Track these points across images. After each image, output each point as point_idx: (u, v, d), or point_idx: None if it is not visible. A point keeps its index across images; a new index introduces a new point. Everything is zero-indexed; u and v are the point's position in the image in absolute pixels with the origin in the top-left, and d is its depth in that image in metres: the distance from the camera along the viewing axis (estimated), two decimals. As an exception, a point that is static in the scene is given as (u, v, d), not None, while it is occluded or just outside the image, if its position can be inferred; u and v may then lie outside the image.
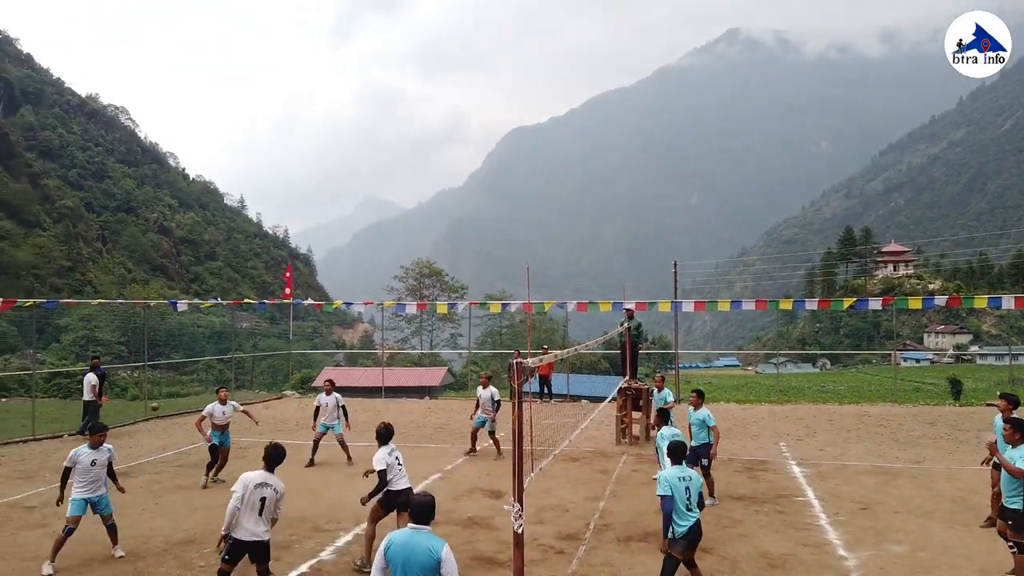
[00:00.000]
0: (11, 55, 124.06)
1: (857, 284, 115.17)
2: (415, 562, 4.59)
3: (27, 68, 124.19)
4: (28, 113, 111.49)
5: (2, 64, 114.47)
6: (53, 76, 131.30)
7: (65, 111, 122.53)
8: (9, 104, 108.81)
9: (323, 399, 14.19)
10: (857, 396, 33.97)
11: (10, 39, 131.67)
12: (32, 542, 9.09)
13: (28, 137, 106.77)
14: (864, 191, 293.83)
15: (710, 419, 10.72)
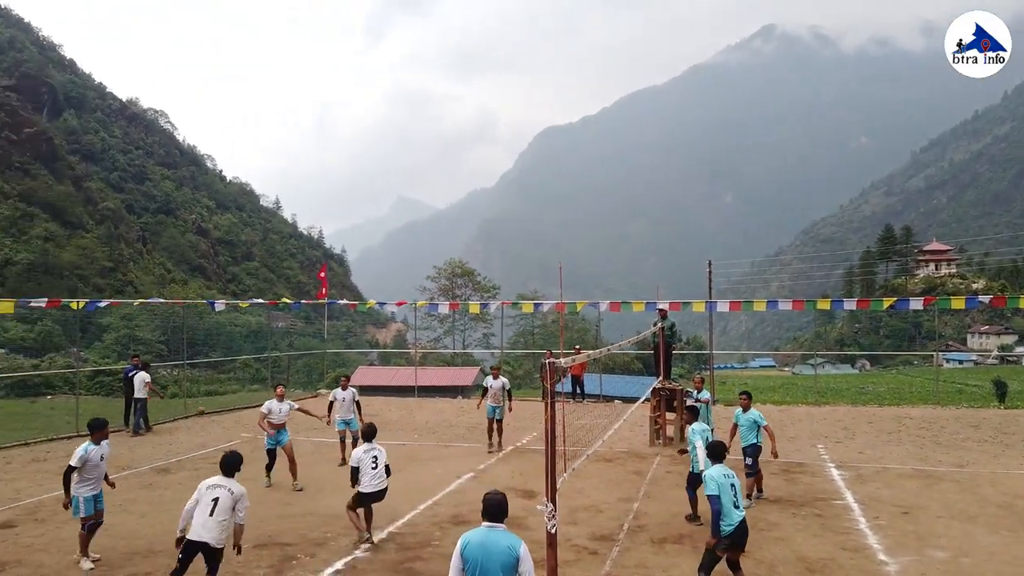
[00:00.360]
0: (55, 61, 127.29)
1: (898, 283, 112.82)
2: (494, 560, 4.63)
3: (70, 74, 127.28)
4: (71, 117, 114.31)
5: (46, 70, 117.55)
6: (95, 81, 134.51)
7: (107, 115, 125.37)
8: (53, 109, 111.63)
9: (339, 394, 14.27)
10: (898, 398, 33.30)
11: (54, 45, 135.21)
12: (76, 536, 9.29)
13: (71, 141, 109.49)
14: (905, 188, 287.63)
15: (761, 419, 10.86)
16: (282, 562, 8.35)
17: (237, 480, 7.17)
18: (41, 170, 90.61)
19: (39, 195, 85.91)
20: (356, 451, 9.11)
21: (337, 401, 14.19)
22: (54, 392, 35.09)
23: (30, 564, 8.21)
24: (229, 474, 7.18)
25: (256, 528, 9.62)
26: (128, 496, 11.42)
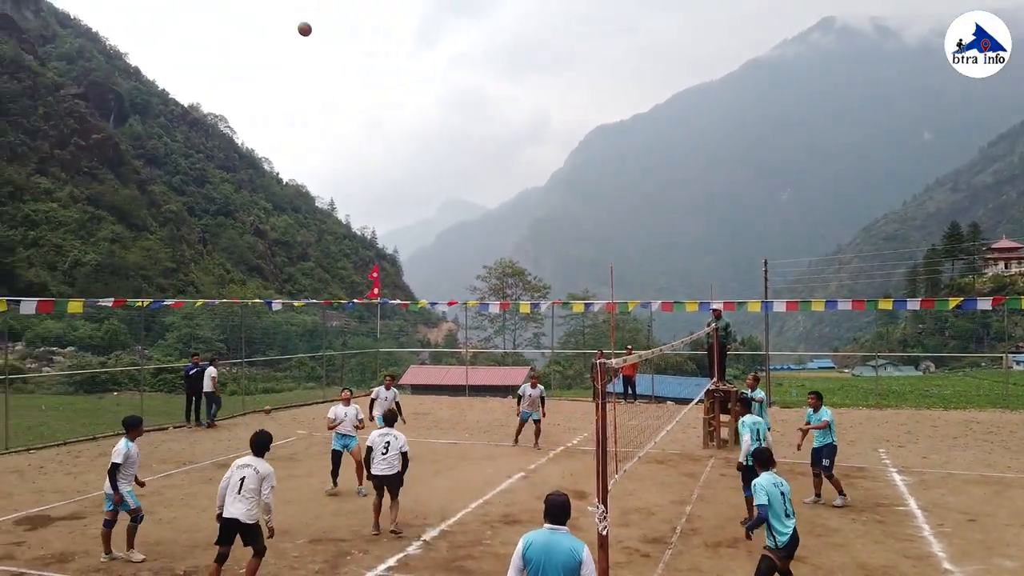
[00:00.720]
0: (121, 69, 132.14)
1: (964, 282, 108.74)
2: (556, 562, 4.61)
3: (135, 81, 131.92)
4: (136, 123, 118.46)
5: (113, 78, 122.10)
6: (158, 87, 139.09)
7: (169, 120, 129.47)
8: (119, 115, 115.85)
9: (381, 392, 14.18)
10: (964, 401, 32.09)
11: (120, 53, 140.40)
12: (141, 529, 9.57)
13: (136, 146, 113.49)
14: (972, 184, 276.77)
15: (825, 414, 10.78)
16: (336, 558, 8.49)
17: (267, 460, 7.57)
18: (108, 174, 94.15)
19: (106, 199, 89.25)
20: (373, 433, 9.54)
21: (379, 400, 14.08)
22: (120, 389, 36.39)
23: (97, 555, 8.50)
24: (258, 453, 7.48)
25: (311, 524, 9.82)
26: (189, 491, 11.77)
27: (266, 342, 56.79)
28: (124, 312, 53.00)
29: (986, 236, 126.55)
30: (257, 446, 7.53)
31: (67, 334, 58.04)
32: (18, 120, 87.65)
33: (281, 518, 10.12)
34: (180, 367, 24.21)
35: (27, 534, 9.41)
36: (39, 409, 24.70)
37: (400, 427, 13.82)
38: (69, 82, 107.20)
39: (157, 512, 10.41)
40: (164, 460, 14.45)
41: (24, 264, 71.04)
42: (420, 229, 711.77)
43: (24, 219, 77.27)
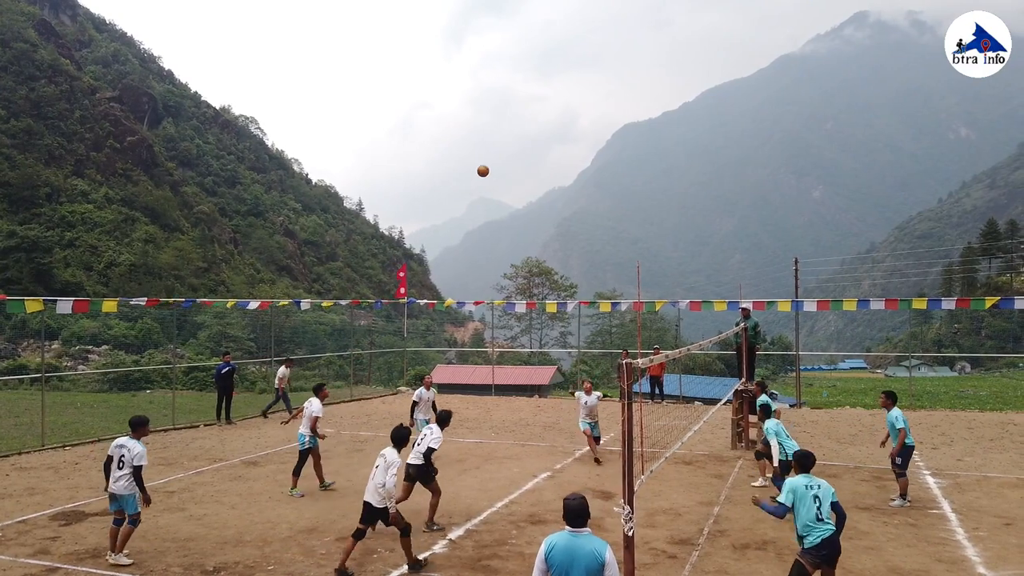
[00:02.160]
0: (155, 72, 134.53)
1: (1002, 281, 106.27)
2: (580, 564, 4.61)
3: (168, 84, 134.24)
4: (169, 125, 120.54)
5: (147, 81, 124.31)
6: (191, 90, 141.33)
7: (201, 122, 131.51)
8: (153, 117, 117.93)
9: (423, 393, 14.10)
10: (1001, 403, 31.40)
11: (154, 57, 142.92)
12: (172, 525, 9.77)
13: (169, 148, 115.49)
14: (1010, 181, 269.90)
15: (898, 421, 10.69)
16: (363, 555, 8.54)
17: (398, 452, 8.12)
18: (142, 176, 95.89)
19: (140, 199, 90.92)
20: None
21: (422, 401, 13.91)
22: (152, 387, 37.03)
23: (129, 550, 8.65)
24: (397, 446, 8.18)
25: (338, 522, 9.89)
26: (220, 488, 11.93)
27: (295, 341, 57.39)
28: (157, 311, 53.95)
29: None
30: (396, 440, 8.26)
31: (102, 333, 59.23)
32: (55, 123, 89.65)
33: (311, 514, 10.23)
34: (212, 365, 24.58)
35: (62, 529, 9.61)
36: (75, 406, 25.23)
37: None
38: (105, 86, 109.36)
39: (188, 509, 10.57)
40: (195, 457, 14.66)
41: (61, 264, 72.67)
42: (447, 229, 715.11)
43: (61, 220, 79.02)
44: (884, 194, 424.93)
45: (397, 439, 8.28)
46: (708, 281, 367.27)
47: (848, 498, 10.89)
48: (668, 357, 11.10)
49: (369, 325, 74.32)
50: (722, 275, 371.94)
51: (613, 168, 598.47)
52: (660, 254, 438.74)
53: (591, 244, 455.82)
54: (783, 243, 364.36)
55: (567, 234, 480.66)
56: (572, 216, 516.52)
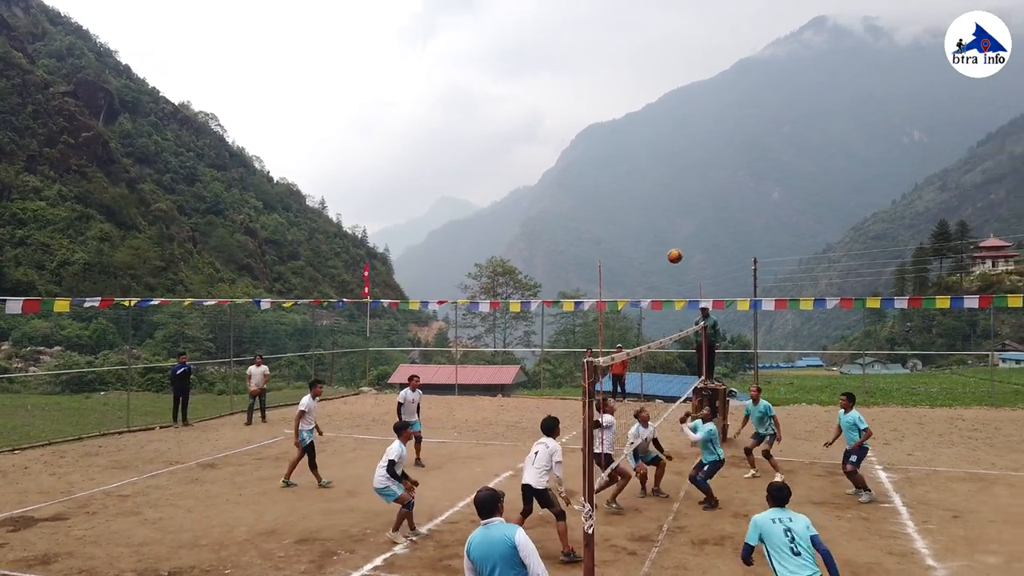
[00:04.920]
0: (111, 67, 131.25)
1: (952, 281, 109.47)
2: (495, 553, 4.70)
3: (125, 79, 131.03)
4: (126, 121, 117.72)
5: (103, 75, 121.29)
6: (149, 86, 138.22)
7: (159, 118, 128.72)
8: (109, 113, 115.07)
9: (408, 394, 13.47)
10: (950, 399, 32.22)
11: (110, 51, 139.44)
12: (126, 529, 9.56)
13: (126, 144, 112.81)
14: (960, 183, 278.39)
15: (861, 422, 10.89)
16: (322, 557, 8.46)
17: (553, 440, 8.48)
18: (97, 172, 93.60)
19: (95, 197, 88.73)
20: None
21: (407, 402, 13.36)
22: (107, 388, 36.16)
23: (81, 556, 8.46)
24: (549, 434, 8.54)
25: (298, 524, 9.79)
26: (176, 491, 11.71)
27: (255, 341, 56.51)
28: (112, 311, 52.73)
29: (974, 235, 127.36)
30: (546, 429, 8.58)
31: (54, 333, 57.70)
32: (7, 118, 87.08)
33: (270, 517, 10.11)
34: (168, 366, 24.08)
35: (10, 535, 9.34)
36: (25, 409, 24.52)
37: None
38: (59, 80, 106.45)
39: (142, 512, 10.36)
40: (150, 460, 14.37)
41: (11, 263, 70.59)
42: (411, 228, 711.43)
43: (12, 218, 76.77)
44: (840, 196, 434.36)
45: (548, 429, 8.58)
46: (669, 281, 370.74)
47: (803, 493, 11.13)
48: (629, 356, 11.22)
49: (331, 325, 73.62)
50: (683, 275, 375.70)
51: (577, 168, 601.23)
52: (623, 254, 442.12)
53: (555, 244, 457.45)
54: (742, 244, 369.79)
55: (531, 234, 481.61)
56: (536, 216, 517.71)
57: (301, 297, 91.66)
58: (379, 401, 24.62)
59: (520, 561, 4.67)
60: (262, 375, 19.33)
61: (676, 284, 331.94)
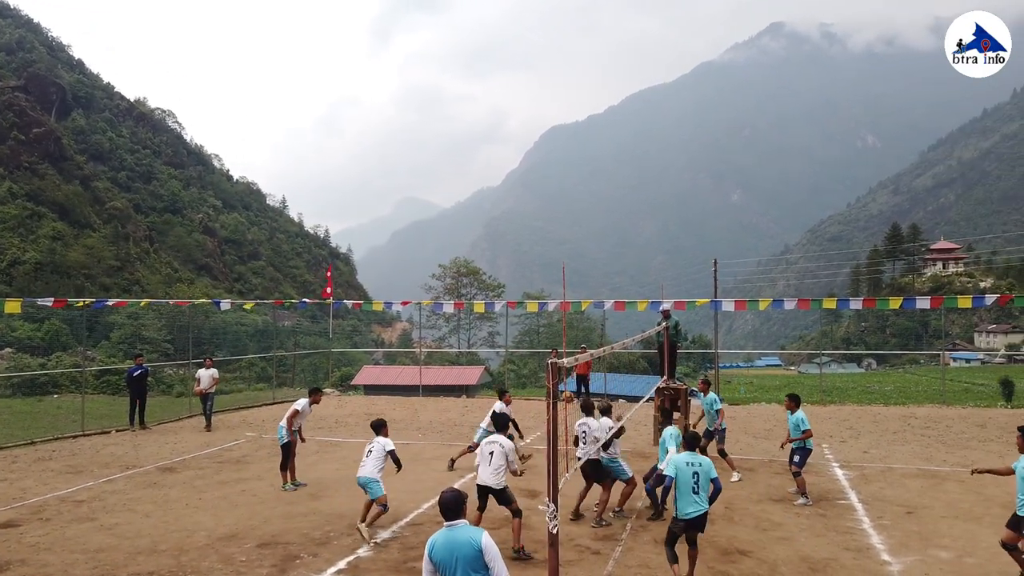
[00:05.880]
0: (63, 61, 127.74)
1: (905, 282, 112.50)
2: (459, 556, 4.66)
3: (78, 73, 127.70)
4: (79, 117, 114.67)
5: (55, 70, 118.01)
6: (103, 81, 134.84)
7: (114, 115, 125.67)
8: (61, 109, 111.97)
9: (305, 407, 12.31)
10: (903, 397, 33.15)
11: (63, 45, 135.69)
12: (81, 535, 9.34)
13: (79, 141, 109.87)
14: (912, 187, 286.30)
15: (803, 423, 11.04)
16: (285, 561, 8.37)
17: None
18: (49, 170, 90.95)
19: (47, 195, 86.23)
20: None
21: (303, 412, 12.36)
22: (60, 391, 35.23)
23: (34, 564, 8.24)
24: (502, 432, 9.00)
25: (259, 528, 9.66)
26: (133, 495, 11.47)
27: (215, 342, 55.56)
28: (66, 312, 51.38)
29: (925, 237, 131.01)
30: (499, 427, 9.21)
31: (5, 335, 55.88)
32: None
33: (230, 521, 9.96)
34: (125, 368, 23.56)
35: (-41, 543, 9.05)
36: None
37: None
38: (8, 74, 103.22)
39: (98, 518, 10.13)
40: (106, 464, 14.05)
41: (-42, 262, 68.26)
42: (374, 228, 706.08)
43: (-42, 215, 74.23)
44: (798, 199, 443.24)
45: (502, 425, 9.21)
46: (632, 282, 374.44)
47: (763, 491, 11.35)
48: (593, 356, 11.30)
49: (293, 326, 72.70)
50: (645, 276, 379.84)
51: (541, 169, 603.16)
52: (586, 255, 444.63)
53: (519, 244, 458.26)
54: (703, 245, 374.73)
55: (495, 234, 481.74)
56: (500, 216, 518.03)
57: (262, 297, 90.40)
58: (342, 403, 24.41)
59: (484, 564, 4.65)
60: (210, 378, 18.60)
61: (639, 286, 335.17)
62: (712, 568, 7.97)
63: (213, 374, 18.75)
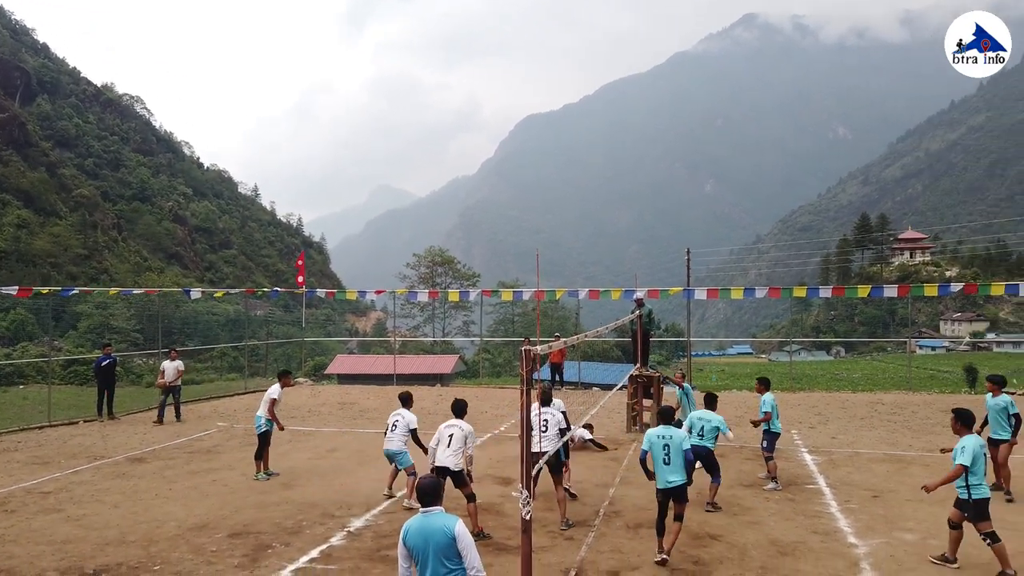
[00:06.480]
0: (28, 45, 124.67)
1: (873, 271, 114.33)
2: (433, 543, 4.66)
3: (43, 58, 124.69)
4: (44, 103, 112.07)
5: (19, 54, 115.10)
6: (69, 66, 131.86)
7: (81, 100, 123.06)
8: (26, 94, 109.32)
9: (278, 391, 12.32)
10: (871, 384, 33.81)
11: (27, 29, 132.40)
12: (48, 527, 9.20)
13: (45, 127, 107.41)
14: (881, 178, 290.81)
15: (765, 404, 11.24)
16: (257, 551, 8.31)
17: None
18: (14, 156, 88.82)
19: (11, 182, 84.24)
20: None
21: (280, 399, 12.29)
22: (26, 382, 34.60)
23: (6, 555, 8.10)
24: (460, 416, 9.08)
25: (230, 517, 9.58)
26: (101, 486, 11.31)
27: (186, 332, 54.86)
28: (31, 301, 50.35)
29: (893, 227, 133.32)
30: (458, 412, 9.16)
31: (-32, 325, 54.74)
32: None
33: (201, 511, 9.86)
34: (93, 358, 23.17)
35: (-79, 536, 8.86)
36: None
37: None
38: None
39: (65, 509, 9.98)
40: (74, 455, 13.83)
41: (-81, 251, 66.57)
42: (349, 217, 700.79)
43: (-82, 202, 72.28)
44: (770, 189, 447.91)
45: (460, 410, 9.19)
46: (606, 271, 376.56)
47: (733, 476, 11.49)
48: (566, 344, 11.34)
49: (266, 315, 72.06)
50: (620, 265, 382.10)
51: (516, 159, 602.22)
52: (562, 244, 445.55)
53: (494, 234, 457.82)
54: (678, 235, 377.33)
55: (470, 223, 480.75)
56: (475, 205, 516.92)
57: (234, 286, 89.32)
58: (315, 392, 24.27)
59: (457, 552, 4.67)
60: (175, 370, 17.80)
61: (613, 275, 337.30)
62: (683, 553, 8.07)
63: (178, 366, 17.97)
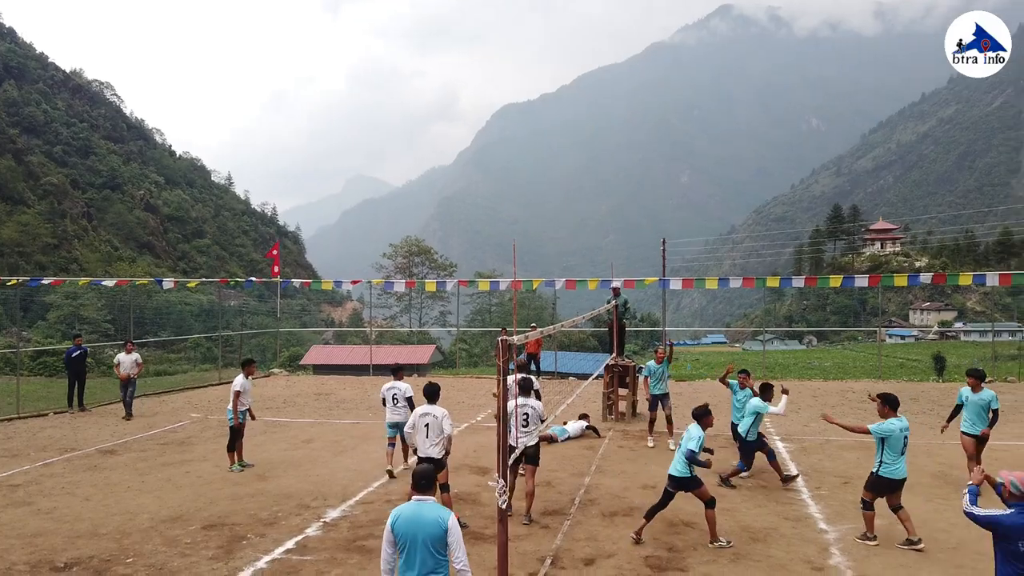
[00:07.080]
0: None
1: (845, 261, 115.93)
2: (424, 533, 4.64)
3: (10, 42, 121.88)
4: (11, 88, 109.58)
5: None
6: (36, 51, 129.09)
7: (49, 86, 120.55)
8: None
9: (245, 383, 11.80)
10: (842, 372, 34.29)
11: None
12: (17, 520, 9.07)
13: (11, 113, 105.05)
14: (853, 169, 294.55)
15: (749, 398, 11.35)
16: (231, 542, 8.27)
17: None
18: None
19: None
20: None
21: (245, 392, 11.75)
22: (-6, 373, 33.95)
23: (-32, 550, 7.98)
24: (432, 401, 8.81)
25: (205, 509, 9.51)
26: (72, 479, 11.16)
27: (158, 322, 54.13)
28: (-2, 291, 49.37)
29: (865, 218, 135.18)
30: (431, 396, 8.85)
31: (-68, 315, 53.59)
32: None
33: (174, 503, 9.79)
34: (62, 349, 22.79)
35: None
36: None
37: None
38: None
39: (35, 502, 9.84)
40: (44, 448, 13.63)
41: None
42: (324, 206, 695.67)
43: None
44: (744, 180, 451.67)
45: (433, 394, 8.86)
46: (583, 261, 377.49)
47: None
48: (543, 333, 11.38)
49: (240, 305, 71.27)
50: (597, 255, 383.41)
51: (493, 149, 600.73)
52: (539, 234, 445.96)
53: (471, 224, 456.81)
54: (654, 225, 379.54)
55: (447, 213, 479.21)
56: (452, 195, 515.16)
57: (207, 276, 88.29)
58: (291, 383, 24.11)
59: (446, 544, 4.66)
60: (133, 363, 17.38)
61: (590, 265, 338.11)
62: (658, 540, 8.16)
63: (136, 359, 17.54)
